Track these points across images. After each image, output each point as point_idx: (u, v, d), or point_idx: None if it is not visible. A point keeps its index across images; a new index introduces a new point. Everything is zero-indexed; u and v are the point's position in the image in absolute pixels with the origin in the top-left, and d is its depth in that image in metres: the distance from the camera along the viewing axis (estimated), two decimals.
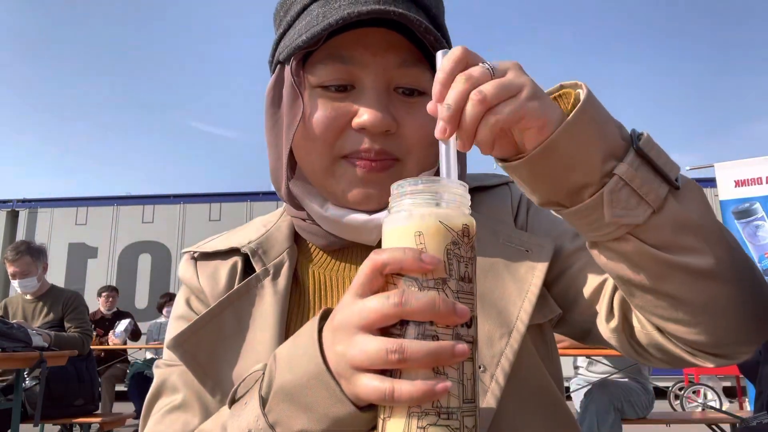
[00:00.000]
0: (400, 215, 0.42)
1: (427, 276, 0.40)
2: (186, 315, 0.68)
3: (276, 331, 0.62)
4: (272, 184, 0.69)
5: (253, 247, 0.68)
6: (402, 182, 0.43)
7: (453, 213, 0.42)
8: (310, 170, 0.65)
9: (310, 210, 0.66)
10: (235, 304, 0.64)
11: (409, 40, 0.62)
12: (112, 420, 3.72)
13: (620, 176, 0.46)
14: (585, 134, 0.46)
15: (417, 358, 0.38)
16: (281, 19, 0.67)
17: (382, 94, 0.61)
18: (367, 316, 0.40)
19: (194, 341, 0.61)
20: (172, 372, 0.65)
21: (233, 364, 0.61)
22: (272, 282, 0.65)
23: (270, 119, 0.66)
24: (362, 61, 0.60)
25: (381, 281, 0.42)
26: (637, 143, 0.47)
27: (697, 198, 0.50)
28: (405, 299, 0.39)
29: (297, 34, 0.61)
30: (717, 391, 6.24)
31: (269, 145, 0.68)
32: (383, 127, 0.59)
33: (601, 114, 0.48)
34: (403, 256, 0.40)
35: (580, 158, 0.47)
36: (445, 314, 0.39)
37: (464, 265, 0.41)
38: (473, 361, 0.41)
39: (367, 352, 0.40)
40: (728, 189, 5.21)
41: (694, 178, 0.52)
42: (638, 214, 0.47)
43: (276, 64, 0.67)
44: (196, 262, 0.70)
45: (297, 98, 0.62)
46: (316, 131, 0.61)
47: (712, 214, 0.50)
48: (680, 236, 0.48)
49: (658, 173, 0.47)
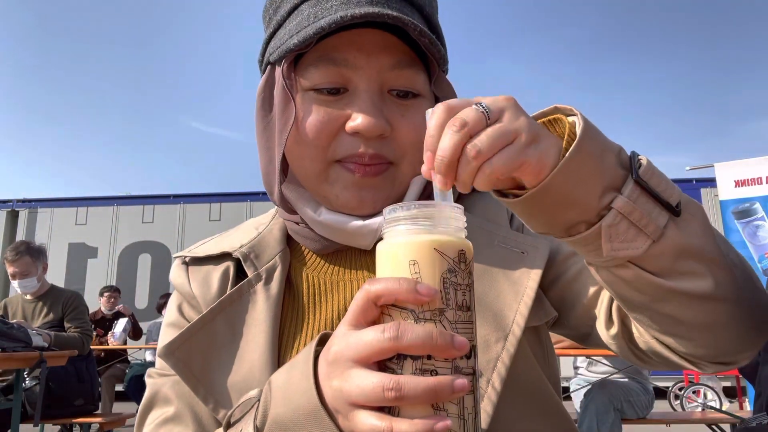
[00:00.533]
0: (393, 242, 0.41)
1: (423, 307, 0.38)
2: (177, 323, 0.67)
3: (269, 338, 0.61)
4: (264, 187, 0.67)
5: (245, 251, 0.66)
6: (395, 206, 0.42)
7: (448, 238, 0.40)
8: (303, 174, 0.64)
9: (303, 214, 0.65)
10: (227, 310, 0.63)
11: (402, 41, 0.61)
12: (112, 420, 3.71)
13: (618, 210, 0.45)
14: (581, 173, 0.45)
15: (415, 395, 0.37)
16: (270, 18, 0.65)
17: (376, 97, 0.60)
18: (363, 349, 0.39)
19: (186, 349, 0.60)
20: (165, 383, 0.64)
21: (226, 371, 0.60)
22: (265, 287, 0.64)
23: (261, 122, 0.65)
24: (355, 64, 0.59)
25: (376, 312, 0.40)
26: (637, 173, 0.46)
27: (698, 221, 0.48)
28: (401, 333, 0.37)
29: (288, 35, 0.60)
30: (717, 391, 6.24)
31: (260, 148, 0.66)
32: (377, 131, 0.58)
33: (598, 146, 0.46)
34: (398, 287, 0.39)
35: (577, 196, 0.45)
36: (443, 347, 0.37)
37: (461, 293, 0.40)
38: (474, 393, 0.39)
39: (364, 389, 0.38)
40: (728, 189, 5.21)
41: (693, 179, 0.51)
42: (637, 246, 0.46)
43: (266, 64, 0.65)
44: (187, 267, 0.69)
45: (289, 102, 0.61)
46: (308, 136, 0.60)
47: (712, 233, 0.49)
48: (680, 262, 0.47)
49: (657, 201, 0.46)
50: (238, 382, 0.59)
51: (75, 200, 10.20)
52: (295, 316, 0.65)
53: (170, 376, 0.65)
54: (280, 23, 0.63)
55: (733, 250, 0.52)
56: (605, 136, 0.47)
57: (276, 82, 0.63)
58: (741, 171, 5.17)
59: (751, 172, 5.13)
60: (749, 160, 5.20)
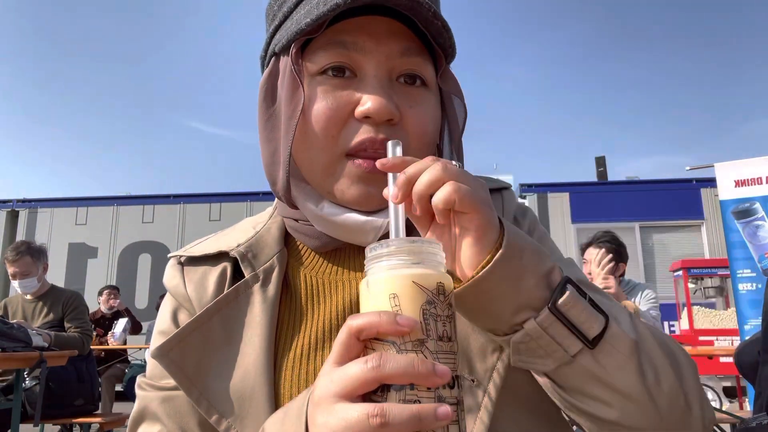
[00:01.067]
0: (374, 278, 0.42)
1: (404, 339, 0.39)
2: (170, 331, 0.64)
3: (266, 340, 0.60)
4: (267, 180, 0.66)
5: (242, 251, 0.65)
6: (375, 245, 0.43)
7: (427, 272, 0.41)
8: (308, 166, 0.62)
9: (305, 209, 0.64)
10: (222, 311, 0.62)
11: (410, 29, 0.60)
12: (112, 420, 3.71)
13: (527, 332, 0.48)
14: (493, 292, 0.47)
15: (399, 421, 0.37)
16: (275, 13, 0.64)
17: (385, 82, 0.59)
18: (346, 383, 0.39)
19: (180, 350, 0.59)
20: (153, 398, 0.64)
21: (221, 374, 0.59)
22: (262, 288, 0.63)
23: (264, 113, 0.64)
24: (364, 48, 0.59)
25: (359, 347, 0.41)
26: (554, 303, 0.47)
27: (621, 354, 0.49)
28: (383, 362, 0.38)
29: (298, 21, 0.59)
30: (717, 391, 6.24)
31: (263, 141, 0.65)
32: (387, 114, 0.57)
33: (515, 270, 0.47)
34: (378, 319, 0.39)
35: (490, 310, 0.49)
36: (425, 375, 0.38)
37: (442, 324, 0.41)
38: (459, 423, 0.40)
39: (348, 420, 0.38)
40: (728, 189, 5.20)
41: (693, 179, 0.52)
42: (544, 364, 0.49)
43: (270, 57, 0.64)
44: (183, 267, 0.68)
45: (298, 87, 0.59)
46: (317, 125, 0.59)
47: (635, 368, 0.49)
48: (589, 387, 0.49)
49: (573, 331, 0.47)
50: (234, 385, 0.59)
51: (75, 200, 10.19)
52: (292, 318, 0.64)
53: (160, 390, 0.64)
54: (287, 15, 0.62)
55: (663, 372, 0.51)
56: (537, 253, 0.49)
57: (281, 72, 0.62)
58: (741, 171, 5.17)
59: (752, 172, 5.13)
60: (749, 160, 5.20)
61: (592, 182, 10.32)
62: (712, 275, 7.56)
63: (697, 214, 9.14)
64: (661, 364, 0.51)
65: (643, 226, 9.19)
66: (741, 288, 5.02)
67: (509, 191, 0.71)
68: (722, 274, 7.29)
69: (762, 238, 4.98)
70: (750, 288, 4.97)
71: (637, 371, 0.49)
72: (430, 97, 0.62)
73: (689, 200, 9.18)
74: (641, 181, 9.95)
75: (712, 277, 7.60)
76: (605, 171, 11.74)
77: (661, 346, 0.53)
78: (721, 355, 5.60)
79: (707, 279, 7.67)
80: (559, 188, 9.53)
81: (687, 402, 0.52)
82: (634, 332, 0.51)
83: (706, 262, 7.80)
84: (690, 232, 9.24)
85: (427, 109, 0.61)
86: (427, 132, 0.60)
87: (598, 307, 0.49)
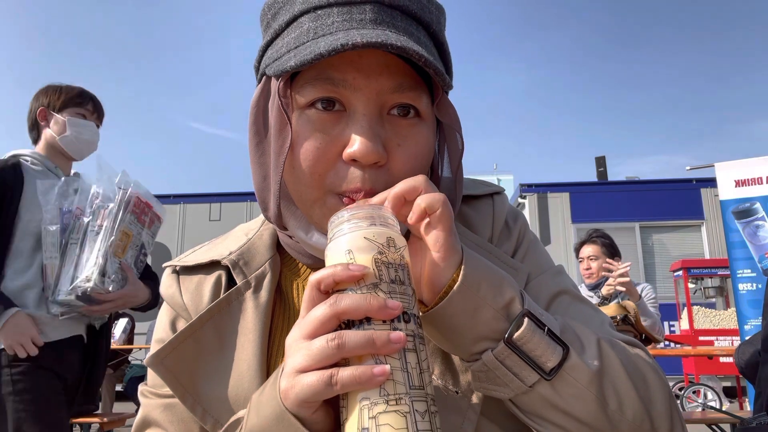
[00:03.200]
0: (333, 242, 0.47)
1: (359, 284, 0.43)
2: (167, 340, 0.63)
3: (258, 347, 0.60)
4: (259, 204, 0.65)
5: (234, 259, 0.66)
6: (335, 215, 0.48)
7: (378, 230, 0.46)
8: (297, 197, 0.60)
9: (295, 234, 0.63)
10: (215, 318, 0.62)
11: (405, 61, 0.57)
12: (112, 420, 3.72)
13: (484, 362, 0.49)
14: (450, 322, 0.49)
15: (355, 343, 0.40)
16: (269, 23, 0.62)
17: (374, 120, 0.56)
18: (308, 324, 0.43)
19: (174, 357, 0.60)
20: (156, 406, 0.64)
21: (214, 380, 0.60)
22: (254, 295, 0.63)
23: (254, 137, 0.63)
24: (354, 85, 0.56)
25: (323, 299, 0.44)
26: (509, 337, 0.48)
27: (580, 384, 0.49)
28: (338, 300, 0.42)
29: (285, 48, 0.57)
30: (717, 391, 6.24)
31: (253, 163, 0.63)
32: (373, 158, 0.55)
33: (471, 303, 0.49)
34: (333, 270, 0.43)
35: (449, 338, 0.51)
36: (377, 308, 0.41)
37: (393, 270, 0.45)
38: (417, 353, 0.43)
39: (310, 350, 0.42)
40: (728, 189, 5.21)
41: (694, 179, 0.52)
42: (502, 392, 0.51)
43: (262, 74, 0.63)
44: (178, 276, 0.68)
45: (285, 125, 0.58)
46: (305, 163, 0.57)
47: (591, 395, 0.50)
48: (547, 413, 0.50)
49: (529, 363, 0.49)
50: (228, 390, 0.59)
51: None
52: (285, 325, 0.64)
53: (161, 397, 0.64)
54: (278, 32, 0.60)
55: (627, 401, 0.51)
56: (496, 284, 0.50)
57: (271, 97, 0.61)
58: (741, 171, 5.17)
59: (752, 172, 5.13)
60: (749, 160, 5.20)
61: (592, 182, 10.34)
62: (712, 275, 7.57)
63: (697, 214, 9.15)
64: (625, 391, 0.51)
65: (643, 226, 9.20)
66: (741, 288, 5.03)
67: (501, 195, 0.71)
68: (722, 274, 7.30)
69: (762, 238, 4.99)
70: (750, 288, 4.97)
71: (597, 400, 0.50)
72: (422, 128, 0.59)
73: (689, 200, 9.19)
74: (641, 181, 9.97)
75: (712, 277, 7.61)
76: (605, 171, 11.76)
77: (629, 372, 0.53)
78: (721, 355, 5.61)
79: (707, 279, 7.67)
80: (559, 188, 9.54)
81: (653, 427, 0.52)
82: (598, 360, 0.51)
83: (706, 262, 7.81)
84: (690, 232, 9.25)
85: (418, 144, 0.58)
86: (415, 168, 0.58)
87: (558, 338, 0.50)
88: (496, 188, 0.71)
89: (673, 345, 5.39)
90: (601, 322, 0.62)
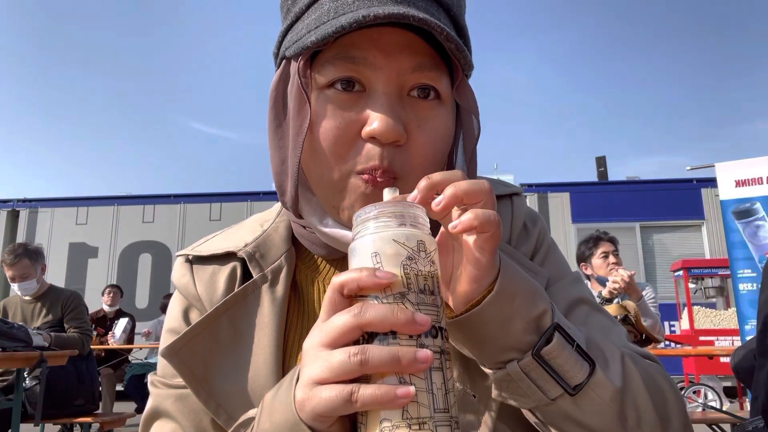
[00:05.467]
0: (359, 241, 0.43)
1: (386, 292, 0.40)
2: (180, 329, 0.63)
3: (274, 342, 0.59)
4: (275, 187, 0.64)
5: (250, 251, 0.64)
6: (361, 210, 0.44)
7: (408, 231, 0.42)
8: (317, 180, 0.60)
9: (309, 222, 0.62)
10: (231, 311, 0.61)
11: (426, 41, 0.57)
12: (112, 420, 3.71)
13: (509, 373, 0.48)
14: (480, 331, 0.48)
15: (379, 360, 0.38)
16: (288, 9, 0.61)
17: (394, 100, 0.56)
18: (330, 332, 0.40)
19: (189, 349, 0.59)
20: (167, 396, 0.63)
21: (229, 374, 0.59)
22: (270, 289, 0.62)
23: (273, 120, 0.62)
24: (374, 64, 0.55)
25: (345, 304, 0.42)
26: (538, 351, 0.47)
27: (603, 401, 0.49)
28: (363, 310, 0.39)
29: (306, 29, 0.57)
30: (717, 391, 6.23)
31: (272, 147, 0.63)
32: (393, 136, 0.54)
33: (504, 313, 0.47)
34: (359, 274, 0.40)
35: (477, 346, 0.50)
36: (405, 322, 0.39)
37: (423, 279, 0.41)
38: (443, 371, 0.40)
39: (330, 362, 0.39)
40: (729, 189, 5.20)
41: (694, 179, 0.51)
42: (524, 402, 0.50)
43: (281, 58, 0.62)
44: (191, 265, 0.67)
45: (305, 104, 0.57)
46: (325, 143, 0.57)
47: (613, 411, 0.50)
48: (566, 425, 0.50)
49: (555, 378, 0.48)
50: (243, 385, 0.58)
51: (75, 200, 10.19)
52: (300, 320, 0.63)
53: (173, 388, 0.63)
54: (298, 16, 0.59)
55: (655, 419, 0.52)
56: (530, 297, 0.49)
57: (291, 78, 0.60)
58: (742, 171, 5.17)
59: (752, 172, 5.13)
60: (750, 160, 5.20)
61: (592, 182, 10.32)
62: (712, 275, 7.56)
63: (697, 214, 9.14)
64: (644, 408, 0.51)
65: (643, 226, 9.19)
66: (741, 288, 5.02)
67: (520, 197, 0.69)
68: (723, 274, 7.29)
69: (762, 238, 4.98)
70: (750, 288, 4.97)
71: (617, 416, 0.50)
72: (442, 111, 0.59)
73: (690, 200, 9.17)
74: (641, 181, 9.95)
75: (712, 277, 7.60)
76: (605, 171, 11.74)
77: (649, 389, 0.52)
78: (721, 355, 5.59)
79: (708, 279, 7.66)
80: (559, 188, 9.53)
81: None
82: (621, 377, 0.51)
83: (707, 262, 7.80)
84: (690, 232, 9.23)
85: (437, 127, 0.58)
86: (434, 151, 0.58)
87: (586, 354, 0.49)
88: (515, 189, 0.70)
89: (674, 345, 5.39)
90: (618, 335, 0.62)
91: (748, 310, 4.95)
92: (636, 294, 3.01)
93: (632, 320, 2.91)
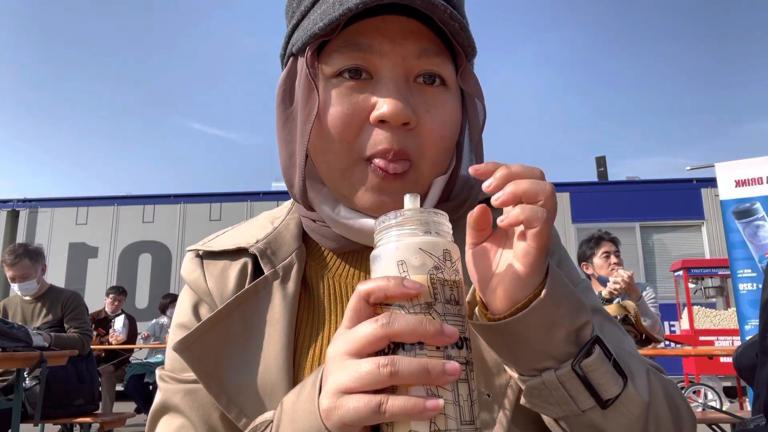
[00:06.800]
0: (383, 248, 0.43)
1: (413, 302, 0.40)
2: (190, 324, 0.64)
3: (285, 338, 0.60)
4: (284, 182, 0.65)
5: (262, 247, 0.65)
6: (384, 216, 0.44)
7: (433, 240, 0.42)
8: (325, 170, 0.61)
9: (321, 211, 0.63)
10: (242, 307, 0.61)
11: (429, 28, 0.58)
12: (112, 420, 3.71)
13: (543, 381, 0.47)
14: (522, 335, 0.46)
15: (409, 372, 0.38)
16: (293, 11, 0.63)
17: (401, 84, 0.58)
18: (356, 341, 0.40)
19: (201, 344, 0.59)
20: (176, 392, 0.63)
21: (241, 370, 0.59)
22: (281, 285, 0.63)
23: (281, 115, 0.63)
24: (380, 50, 0.57)
25: (369, 312, 0.41)
26: (578, 362, 0.46)
27: (632, 416, 0.49)
28: (392, 320, 0.39)
29: (312, 23, 0.57)
30: (717, 391, 6.23)
31: (280, 142, 0.64)
32: (403, 117, 0.55)
33: (548, 319, 0.46)
34: (386, 283, 0.40)
35: (510, 350, 0.48)
36: (433, 334, 0.39)
37: (449, 289, 0.41)
38: (468, 383, 0.40)
39: (359, 372, 0.39)
40: (729, 189, 5.20)
41: (694, 179, 0.51)
42: (552, 411, 0.49)
43: (288, 57, 0.63)
44: (202, 261, 0.67)
45: (312, 91, 0.58)
46: (333, 130, 0.57)
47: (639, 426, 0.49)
48: None
49: (590, 391, 0.47)
50: (254, 380, 0.58)
51: (75, 200, 10.20)
52: (311, 317, 0.63)
53: (181, 383, 0.63)
54: (304, 14, 0.61)
55: None
56: (574, 306, 0.48)
57: (298, 72, 0.61)
58: (741, 171, 5.17)
59: (752, 172, 5.13)
60: (750, 160, 5.20)
61: (592, 182, 10.32)
62: (712, 275, 7.56)
63: (697, 214, 9.14)
64: (664, 422, 0.52)
65: (643, 226, 9.19)
66: (741, 288, 5.02)
67: None
68: (723, 274, 7.30)
69: (762, 238, 4.98)
70: (750, 288, 4.97)
71: (642, 430, 0.50)
72: (449, 97, 0.60)
73: (690, 200, 9.18)
74: (641, 181, 9.96)
75: (712, 277, 7.60)
76: (605, 171, 11.74)
77: (668, 403, 0.53)
78: (721, 355, 5.60)
79: (708, 279, 7.66)
80: (559, 188, 9.48)
81: None
82: (648, 392, 0.50)
83: (707, 262, 7.80)
84: (690, 232, 9.24)
85: (445, 112, 0.59)
86: (444, 136, 0.59)
87: (620, 368, 0.49)
88: None
89: (674, 345, 5.39)
90: (630, 345, 0.62)
91: (748, 310, 4.95)
92: (635, 294, 3.01)
93: (632, 320, 2.91)
